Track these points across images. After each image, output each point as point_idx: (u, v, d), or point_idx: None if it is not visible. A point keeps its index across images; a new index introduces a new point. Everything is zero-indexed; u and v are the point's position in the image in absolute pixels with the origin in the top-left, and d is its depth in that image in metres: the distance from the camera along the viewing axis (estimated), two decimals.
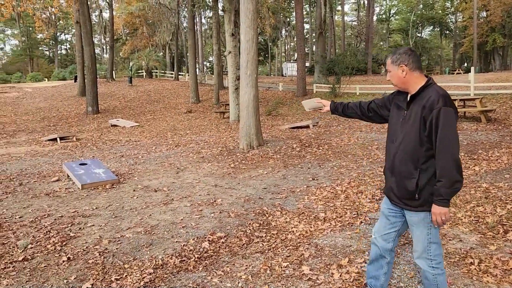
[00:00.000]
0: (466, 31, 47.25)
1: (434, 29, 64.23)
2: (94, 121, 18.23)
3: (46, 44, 63.05)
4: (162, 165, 8.60)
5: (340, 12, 55.15)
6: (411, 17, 53.45)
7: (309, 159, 8.11)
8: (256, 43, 9.75)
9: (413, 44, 54.12)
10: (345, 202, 5.23)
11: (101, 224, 4.92)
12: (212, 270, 3.57)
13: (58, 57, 61.37)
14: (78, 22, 24.46)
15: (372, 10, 41.31)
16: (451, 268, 3.25)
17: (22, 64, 59.94)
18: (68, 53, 68.39)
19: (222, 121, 16.23)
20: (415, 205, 2.31)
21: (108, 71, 37.12)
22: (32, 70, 55.51)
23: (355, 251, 3.75)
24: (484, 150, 7.39)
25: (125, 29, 46.89)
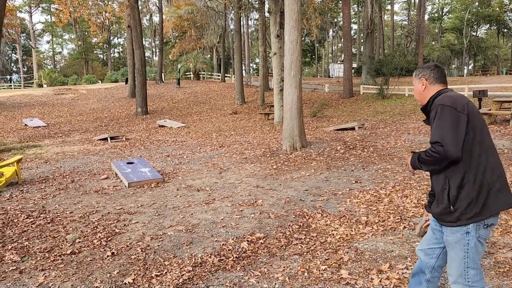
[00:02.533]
0: None
1: (490, 28, 60.82)
2: (143, 122, 18.88)
3: (100, 47, 66.18)
4: (205, 165, 8.74)
5: (389, 11, 53.66)
6: (465, 15, 50.98)
7: (353, 161, 7.93)
8: (300, 44, 9.69)
9: (468, 43, 51.63)
10: (389, 206, 5.05)
11: (145, 222, 5.08)
12: (249, 270, 3.57)
13: (111, 60, 64.22)
14: (129, 26, 25.49)
15: (424, 9, 39.82)
16: (500, 279, 3.05)
17: (78, 67, 63.37)
18: (120, 56, 71.42)
19: (267, 123, 16.27)
20: (450, 220, 2.10)
21: (157, 73, 38.37)
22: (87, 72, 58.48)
23: (397, 256, 3.61)
24: None
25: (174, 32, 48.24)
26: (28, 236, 4.72)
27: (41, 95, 30.70)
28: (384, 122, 13.26)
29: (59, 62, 71.56)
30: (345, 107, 18.80)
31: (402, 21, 63.93)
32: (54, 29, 61.66)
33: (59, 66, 68.93)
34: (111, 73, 52.15)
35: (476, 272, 2.10)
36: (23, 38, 59.40)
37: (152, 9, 46.21)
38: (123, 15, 33.68)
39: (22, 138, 14.87)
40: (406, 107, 16.29)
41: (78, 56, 61.74)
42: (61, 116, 21.81)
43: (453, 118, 2.01)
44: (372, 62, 26.73)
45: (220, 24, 38.14)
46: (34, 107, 24.86)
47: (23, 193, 6.85)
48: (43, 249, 4.27)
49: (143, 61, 21.53)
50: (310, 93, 25.64)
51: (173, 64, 54.39)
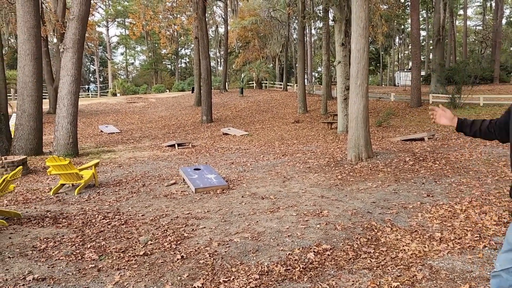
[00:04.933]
0: None
1: None
2: (208, 129, 19.44)
3: (168, 58, 69.47)
4: (269, 173, 8.78)
5: (462, 16, 50.85)
6: None
7: (423, 173, 7.56)
8: (367, 52, 9.47)
9: None
10: (465, 223, 4.74)
11: (212, 227, 5.19)
12: (317, 282, 3.51)
13: (178, 70, 67.09)
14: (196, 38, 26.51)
15: (501, 13, 37.30)
16: None
17: (148, 77, 66.94)
18: (187, 66, 74.32)
19: (330, 132, 16.04)
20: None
21: (222, 83, 39.43)
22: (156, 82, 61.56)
23: (477, 277, 3.36)
24: None
25: (238, 42, 49.35)
26: (105, 236, 5.01)
27: (115, 103, 32.77)
28: (456, 133, 12.51)
29: (131, 72, 76.09)
30: (413, 117, 18.02)
31: (476, 26, 60.30)
32: (127, 42, 65.81)
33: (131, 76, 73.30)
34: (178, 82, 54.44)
35: None
36: (100, 50, 64.05)
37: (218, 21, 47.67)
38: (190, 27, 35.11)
39: (98, 143, 15.93)
40: (481, 117, 15.26)
41: (148, 66, 65.29)
42: (133, 123, 23.08)
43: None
44: (443, 69, 25.42)
45: (283, 34, 38.40)
46: (108, 115, 26.58)
47: (99, 195, 7.32)
48: (118, 249, 4.51)
49: (209, 70, 22.22)
50: (375, 102, 24.92)
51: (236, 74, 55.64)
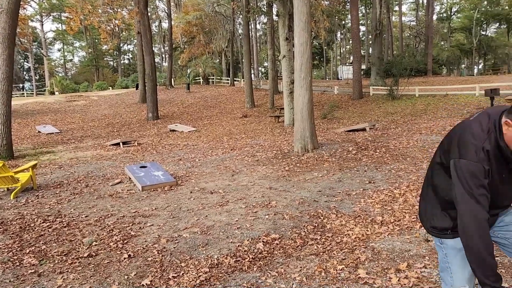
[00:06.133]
0: None
1: (500, 26, 60.17)
2: (154, 127, 19.01)
3: (110, 54, 66.91)
4: (218, 168, 8.77)
5: (397, 12, 53.40)
6: (474, 14, 50.52)
7: (365, 162, 7.90)
8: (310, 46, 9.69)
9: (477, 43, 51.14)
10: (404, 206, 5.02)
11: (160, 224, 5.11)
12: (266, 270, 3.57)
13: (121, 66, 64.89)
14: (139, 33, 25.74)
15: (432, 9, 39.63)
16: None
17: (89, 74, 64.08)
18: (130, 62, 72.08)
19: (277, 125, 16.27)
20: None
21: (167, 79, 38.67)
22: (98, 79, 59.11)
23: (415, 255, 3.58)
24: None
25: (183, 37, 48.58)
26: (45, 240, 4.77)
27: (53, 102, 31.09)
28: (395, 122, 13.18)
29: (70, 69, 72.47)
30: (355, 109, 18.73)
31: (411, 22, 63.62)
32: (65, 37, 62.53)
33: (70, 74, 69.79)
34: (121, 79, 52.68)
35: None
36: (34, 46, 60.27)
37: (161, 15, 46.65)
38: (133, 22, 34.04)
39: (36, 144, 15.06)
40: (417, 107, 16.18)
41: (88, 63, 62.47)
42: (74, 122, 22.05)
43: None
44: (381, 63, 26.61)
45: (228, 29, 38.33)
46: (46, 114, 25.18)
47: (38, 198, 6.94)
48: (60, 253, 4.32)
49: (153, 66, 21.70)
50: (319, 95, 25.59)
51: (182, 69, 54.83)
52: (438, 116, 13.15)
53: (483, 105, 14.04)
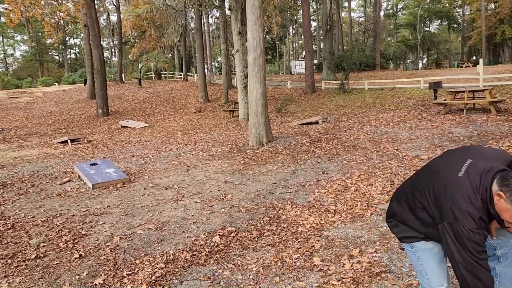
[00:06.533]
0: (474, 23, 46.60)
1: (442, 23, 63.53)
2: (105, 123, 18.38)
3: (55, 48, 63.73)
4: (172, 163, 8.63)
5: (347, 8, 54.86)
6: (418, 11, 52.93)
7: (318, 153, 8.07)
8: (263, 40, 9.74)
9: (421, 38, 53.63)
10: (356, 195, 5.19)
11: (113, 222, 4.96)
12: (223, 263, 3.57)
13: (67, 61, 62.01)
14: (86, 26, 24.69)
15: (379, 6, 41.05)
16: None
17: (32, 69, 60.74)
18: (78, 57, 69.05)
19: (232, 120, 16.25)
20: None
21: (118, 74, 37.43)
22: (43, 75, 56.18)
23: (366, 241, 3.72)
24: (495, 140, 7.28)
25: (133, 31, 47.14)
26: None
27: None
28: (346, 115, 13.56)
29: (11, 64, 68.27)
30: (308, 102, 19.08)
31: (359, 18, 65.58)
32: (4, 30, 58.70)
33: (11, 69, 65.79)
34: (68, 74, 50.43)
35: None
36: None
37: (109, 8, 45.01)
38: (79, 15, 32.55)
39: None
40: (367, 100, 16.73)
41: (32, 57, 59.18)
42: (17, 120, 20.85)
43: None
44: (332, 58, 27.22)
45: (180, 23, 37.64)
46: None
47: None
48: (4, 256, 4.09)
49: (102, 61, 20.93)
50: (273, 89, 25.82)
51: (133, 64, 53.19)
52: (386, 109, 13.67)
53: (427, 98, 14.75)
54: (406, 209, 1.95)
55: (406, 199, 1.97)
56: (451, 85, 16.47)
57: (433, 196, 1.78)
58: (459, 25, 59.84)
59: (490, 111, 10.39)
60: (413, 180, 1.99)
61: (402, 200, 2.00)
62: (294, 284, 3.04)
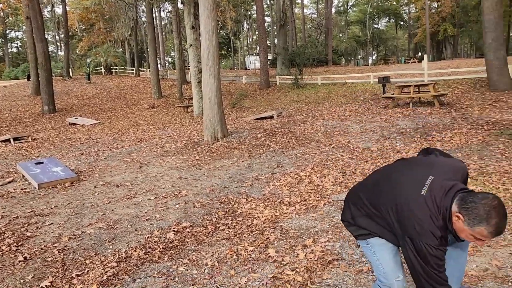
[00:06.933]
0: (419, 21, 48.89)
1: (389, 21, 66.05)
2: (51, 120, 17.53)
3: None
4: (124, 160, 8.38)
5: (300, 4, 55.60)
6: (367, 9, 54.65)
7: (273, 147, 8.14)
8: (216, 34, 9.65)
9: (371, 35, 55.43)
10: (309, 187, 5.28)
11: (60, 222, 4.74)
12: (177, 259, 3.51)
13: (8, 55, 58.49)
14: (28, 18, 23.34)
15: (331, 3, 41.92)
16: None
17: None
18: (20, 51, 65.29)
19: (186, 115, 16.03)
20: None
21: (64, 69, 35.75)
22: None
23: (319, 231, 3.79)
24: (438, 131, 7.67)
25: (81, 25, 45.27)
26: None
27: None
28: (300, 109, 13.77)
29: None
30: (263, 97, 19.19)
31: (312, 14, 66.72)
32: None
33: None
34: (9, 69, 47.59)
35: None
36: None
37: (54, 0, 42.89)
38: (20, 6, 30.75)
39: None
40: (320, 95, 17.07)
41: None
42: None
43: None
44: (286, 53, 27.51)
45: (131, 16, 36.54)
46: None
47: None
48: None
49: (47, 55, 19.90)
50: (228, 84, 25.73)
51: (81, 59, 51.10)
52: (339, 103, 14.02)
53: (377, 92, 15.28)
54: (364, 214, 1.99)
55: (363, 204, 1.99)
56: (398, 80, 17.15)
57: (396, 211, 1.81)
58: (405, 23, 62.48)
59: (434, 104, 10.93)
60: (371, 188, 2.00)
61: (358, 204, 2.03)
62: (249, 276, 3.05)
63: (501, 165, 5.19)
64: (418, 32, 49.25)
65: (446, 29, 43.07)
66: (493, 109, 9.45)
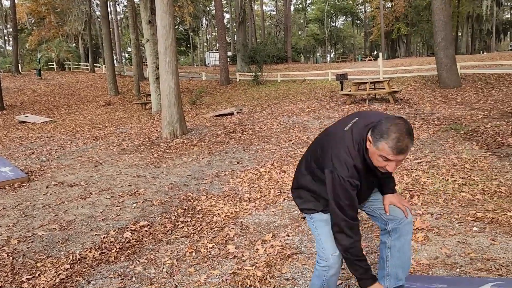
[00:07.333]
0: (374, 20, 50.44)
1: (346, 19, 67.67)
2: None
3: None
4: (79, 159, 8.08)
5: (259, 1, 55.75)
6: (325, 7, 55.66)
7: (233, 144, 8.12)
8: (173, 29, 9.49)
9: (329, 33, 56.48)
10: (269, 182, 5.31)
11: (9, 225, 4.50)
12: (135, 259, 3.43)
13: None
14: None
15: (289, 0, 42.33)
16: (366, 233, 3.45)
17: None
18: None
19: (144, 113, 15.68)
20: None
21: (13, 64, 33.95)
22: None
23: (279, 226, 3.82)
24: None
25: (30, 18, 43.14)
26: None
27: None
28: (260, 106, 13.83)
29: None
30: (223, 94, 19.11)
31: (271, 12, 67.16)
32: None
33: None
34: None
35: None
36: None
37: None
38: None
39: None
40: (280, 92, 17.22)
41: None
42: None
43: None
44: (246, 50, 27.54)
45: (84, 10, 35.21)
46: None
47: None
48: None
49: None
50: (187, 81, 25.41)
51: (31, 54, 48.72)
52: (298, 100, 14.20)
53: (335, 89, 15.60)
54: (305, 173, 2.09)
55: (305, 162, 2.12)
56: (355, 77, 17.60)
57: (321, 149, 1.96)
58: (361, 22, 64.22)
59: (389, 100, 11.31)
60: (313, 147, 2.11)
61: (301, 166, 2.14)
62: (209, 273, 3.03)
63: (450, 158, 5.44)
64: (373, 31, 50.79)
65: (400, 28, 44.68)
66: (443, 105, 9.90)
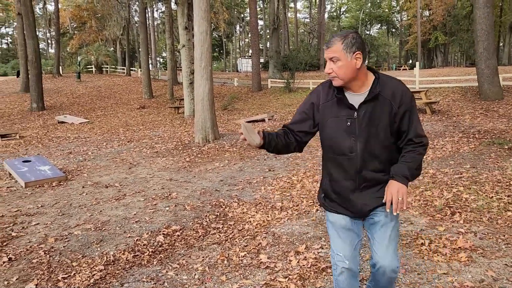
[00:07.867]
0: (411, 29, 49.37)
1: (381, 27, 66.64)
2: (40, 118, 17.27)
3: None
4: (113, 161, 8.26)
5: (293, 9, 55.80)
6: (360, 15, 55.05)
7: (265, 151, 8.09)
8: (210, 35, 9.60)
9: None
10: (301, 191, 5.24)
11: (47, 223, 4.63)
12: (167, 263, 3.44)
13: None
14: (19, 14, 23.05)
15: (324, 8, 42.13)
16: (404, 250, 3.33)
17: None
18: (10, 47, 64.48)
19: (177, 117, 15.91)
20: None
21: (54, 66, 35.35)
22: None
23: (312, 237, 3.75)
24: (430, 139, 7.69)
25: (72, 22, 44.84)
26: None
27: None
28: (292, 113, 13.75)
29: None
30: (255, 100, 19.15)
31: (305, 19, 67.02)
32: None
33: None
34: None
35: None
36: None
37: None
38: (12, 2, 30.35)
39: None
40: None
41: None
42: None
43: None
44: (279, 57, 27.53)
45: (123, 15, 36.29)
46: None
47: None
48: None
49: (37, 52, 19.63)
50: (220, 87, 25.65)
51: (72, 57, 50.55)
52: None
53: None
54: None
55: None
56: None
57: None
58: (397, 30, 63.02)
59: (425, 111, 10.99)
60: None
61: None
62: (241, 282, 2.99)
63: (494, 174, 5.20)
64: (409, 40, 49.74)
65: (437, 37, 43.53)
66: (484, 118, 9.53)
